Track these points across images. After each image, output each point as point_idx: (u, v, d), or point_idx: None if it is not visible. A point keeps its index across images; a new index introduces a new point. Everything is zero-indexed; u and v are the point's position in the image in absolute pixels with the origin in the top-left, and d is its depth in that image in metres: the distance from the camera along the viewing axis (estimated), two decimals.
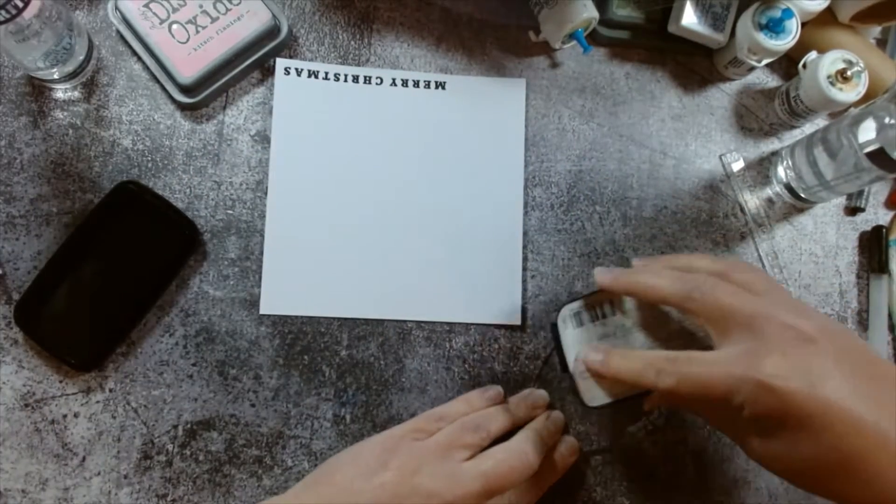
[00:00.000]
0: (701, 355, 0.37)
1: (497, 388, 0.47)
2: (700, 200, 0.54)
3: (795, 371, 0.34)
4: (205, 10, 0.49)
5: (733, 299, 0.37)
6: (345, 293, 0.49)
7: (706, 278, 0.39)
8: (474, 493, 0.39)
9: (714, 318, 0.38)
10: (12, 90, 0.49)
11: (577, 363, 0.44)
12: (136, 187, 0.48)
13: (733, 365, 0.35)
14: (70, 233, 0.47)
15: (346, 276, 0.49)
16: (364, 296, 0.49)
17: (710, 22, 0.52)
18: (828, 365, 0.34)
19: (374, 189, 0.51)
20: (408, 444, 0.42)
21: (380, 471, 0.40)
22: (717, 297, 0.38)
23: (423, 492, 0.39)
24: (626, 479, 0.49)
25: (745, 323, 0.36)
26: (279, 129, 0.51)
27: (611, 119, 0.54)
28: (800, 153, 0.52)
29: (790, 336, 0.35)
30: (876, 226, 0.54)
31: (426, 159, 0.52)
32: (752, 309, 0.37)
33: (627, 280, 0.42)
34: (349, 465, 0.41)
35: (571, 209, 0.52)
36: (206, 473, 0.46)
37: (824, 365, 0.34)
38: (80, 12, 0.51)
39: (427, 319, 0.50)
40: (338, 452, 0.43)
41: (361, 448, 0.43)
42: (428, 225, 0.51)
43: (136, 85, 0.50)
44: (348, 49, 0.53)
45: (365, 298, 0.49)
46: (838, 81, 0.50)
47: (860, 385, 0.34)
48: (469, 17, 0.54)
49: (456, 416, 0.44)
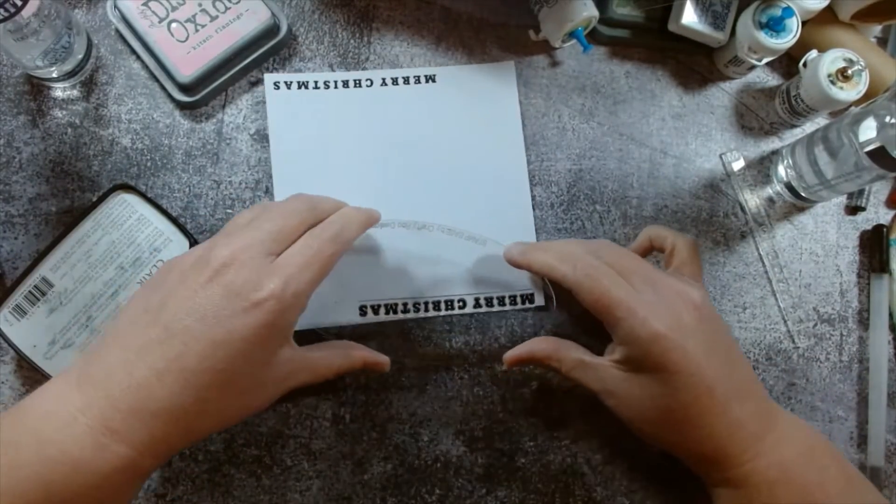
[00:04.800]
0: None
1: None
2: (700, 199, 0.54)
3: (680, 327, 0.40)
4: (204, 8, 0.49)
5: (634, 263, 0.43)
6: (346, 292, 0.49)
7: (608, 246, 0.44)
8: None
9: (619, 270, 0.42)
10: (11, 89, 0.49)
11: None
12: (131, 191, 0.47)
13: (640, 306, 0.40)
14: (59, 233, 0.46)
15: (347, 274, 0.49)
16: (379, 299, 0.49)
17: (710, 20, 0.52)
18: (701, 327, 0.41)
19: (375, 189, 0.51)
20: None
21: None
22: (616, 264, 0.43)
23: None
24: (626, 479, 0.49)
25: (646, 277, 0.42)
26: (276, 144, 0.50)
27: (611, 118, 0.54)
28: (800, 152, 0.52)
29: (684, 300, 0.41)
30: (877, 225, 0.54)
31: (426, 155, 0.51)
32: (651, 270, 0.42)
33: (526, 259, 0.45)
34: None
35: (571, 208, 0.52)
36: (206, 473, 0.46)
37: (698, 327, 0.40)
38: (79, 11, 0.51)
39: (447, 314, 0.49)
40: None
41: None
42: (436, 218, 0.50)
43: (135, 84, 0.50)
44: (348, 48, 0.52)
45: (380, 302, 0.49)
46: (839, 80, 0.50)
47: (715, 351, 0.40)
48: (469, 16, 0.54)
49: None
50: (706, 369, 0.40)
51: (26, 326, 0.45)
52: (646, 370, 0.40)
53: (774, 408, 0.42)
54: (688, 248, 0.46)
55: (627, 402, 0.42)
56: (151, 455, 0.35)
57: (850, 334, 0.53)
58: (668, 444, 0.43)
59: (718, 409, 0.40)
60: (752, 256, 0.53)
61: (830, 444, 0.43)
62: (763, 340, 0.52)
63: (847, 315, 0.53)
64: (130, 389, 0.34)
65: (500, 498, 0.48)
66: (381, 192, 0.50)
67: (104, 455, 0.33)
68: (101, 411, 0.34)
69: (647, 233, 0.48)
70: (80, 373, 0.36)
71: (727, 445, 0.40)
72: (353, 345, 0.45)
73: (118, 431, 0.34)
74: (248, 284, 0.36)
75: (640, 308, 0.40)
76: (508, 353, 0.46)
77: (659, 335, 0.39)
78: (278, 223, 0.39)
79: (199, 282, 0.36)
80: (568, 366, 0.44)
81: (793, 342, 0.52)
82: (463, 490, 0.48)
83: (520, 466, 0.48)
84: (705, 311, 0.41)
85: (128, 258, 0.46)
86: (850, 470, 0.41)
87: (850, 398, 0.52)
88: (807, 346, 0.52)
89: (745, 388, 0.41)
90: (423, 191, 0.51)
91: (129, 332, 0.36)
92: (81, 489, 0.33)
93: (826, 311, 0.53)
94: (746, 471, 0.40)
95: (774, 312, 0.53)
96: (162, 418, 0.34)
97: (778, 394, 0.51)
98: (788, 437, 0.41)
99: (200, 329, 0.35)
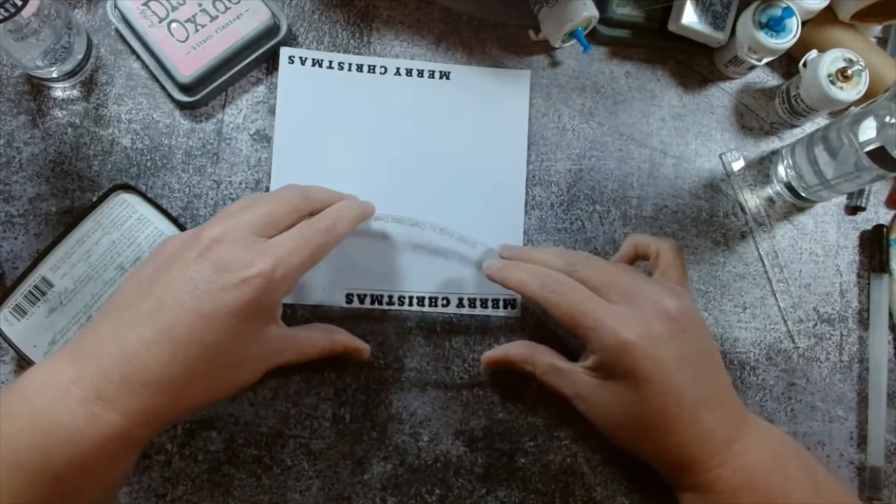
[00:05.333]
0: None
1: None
2: (700, 199, 0.54)
3: (650, 336, 0.40)
4: (204, 8, 0.49)
5: (613, 277, 0.43)
6: (335, 277, 0.49)
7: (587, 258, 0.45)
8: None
9: (595, 286, 0.43)
10: (11, 89, 0.49)
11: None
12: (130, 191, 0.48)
13: (608, 316, 0.41)
14: (59, 233, 0.46)
15: (338, 261, 0.49)
16: (366, 289, 0.49)
17: (710, 20, 0.52)
18: (673, 336, 0.41)
19: (377, 179, 0.51)
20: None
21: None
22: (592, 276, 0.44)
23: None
24: (625, 479, 0.49)
25: (622, 291, 0.42)
26: (283, 119, 0.50)
27: (611, 118, 0.54)
28: (800, 152, 0.52)
29: (656, 310, 0.41)
30: (877, 225, 0.54)
31: (427, 149, 0.52)
32: (629, 282, 0.43)
33: (501, 275, 0.46)
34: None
35: (571, 208, 0.52)
36: (206, 473, 0.46)
37: (670, 335, 0.41)
38: (79, 11, 0.50)
39: (430, 311, 0.49)
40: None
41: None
42: (430, 215, 0.50)
43: (135, 84, 0.50)
44: (348, 48, 0.52)
45: (367, 292, 0.49)
46: (839, 80, 0.50)
47: (687, 360, 0.41)
48: (469, 16, 0.54)
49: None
50: (676, 378, 0.40)
51: (26, 326, 0.45)
52: (616, 377, 0.41)
53: (747, 416, 0.43)
54: (671, 251, 0.46)
55: (599, 407, 0.43)
56: (143, 424, 0.35)
57: (850, 334, 0.53)
58: (639, 450, 0.44)
59: (687, 417, 0.40)
60: (752, 256, 0.53)
61: (802, 451, 0.43)
62: (763, 340, 0.52)
63: (847, 315, 0.53)
64: (121, 360, 0.35)
65: (500, 498, 0.48)
66: (377, 180, 0.51)
67: (96, 424, 0.34)
68: (94, 382, 0.35)
69: (630, 241, 0.49)
70: (74, 346, 0.37)
71: (695, 452, 0.41)
72: (337, 329, 0.46)
73: (110, 401, 0.34)
74: (238, 261, 0.37)
75: (608, 319, 0.41)
76: (486, 354, 0.48)
77: (628, 344, 0.40)
78: (269, 207, 0.40)
79: (190, 257, 0.37)
80: (541, 370, 0.46)
81: (793, 342, 0.52)
82: (463, 490, 0.48)
83: (520, 466, 0.48)
84: (681, 319, 0.41)
85: (128, 258, 0.46)
86: (821, 477, 0.42)
87: (850, 398, 0.52)
88: (807, 346, 0.53)
89: (717, 396, 0.42)
90: (419, 184, 0.51)
91: (122, 305, 0.37)
92: (76, 458, 0.34)
93: (826, 311, 0.53)
94: (713, 477, 0.40)
95: (774, 312, 0.53)
96: (152, 388, 0.35)
97: (778, 394, 0.52)
98: (756, 445, 0.41)
99: (190, 302, 0.36)
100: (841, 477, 0.51)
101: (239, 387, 0.39)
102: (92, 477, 0.35)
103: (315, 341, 0.44)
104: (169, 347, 0.35)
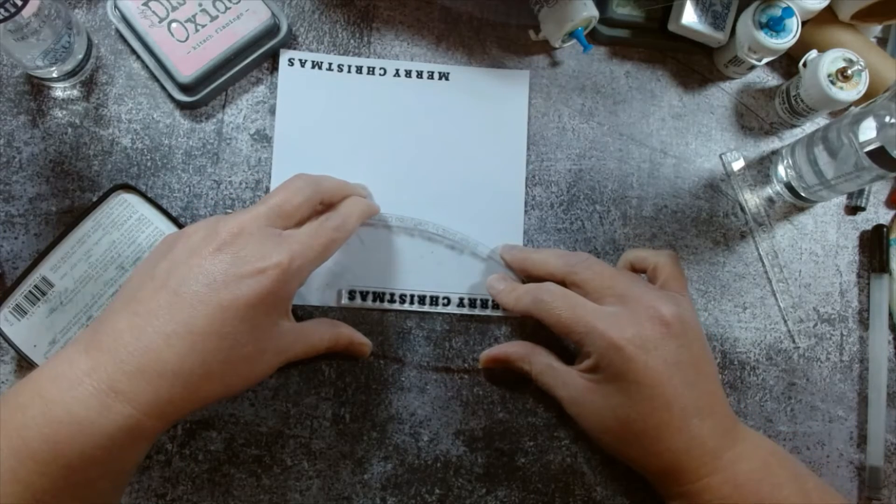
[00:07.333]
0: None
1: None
2: (700, 199, 0.54)
3: (642, 340, 0.41)
4: (204, 8, 0.49)
5: (611, 280, 0.44)
6: (337, 274, 0.49)
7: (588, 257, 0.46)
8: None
9: (592, 288, 0.44)
10: (11, 89, 0.49)
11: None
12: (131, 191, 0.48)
13: (600, 320, 0.41)
14: (59, 233, 0.46)
15: (340, 258, 0.49)
16: (367, 286, 0.49)
17: (710, 20, 0.52)
18: (666, 342, 0.41)
19: (377, 179, 0.51)
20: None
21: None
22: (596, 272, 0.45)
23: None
24: (625, 479, 0.49)
25: (618, 295, 0.43)
26: (282, 121, 0.51)
27: (611, 118, 0.54)
28: (800, 152, 0.52)
29: (650, 314, 0.42)
30: (877, 225, 0.54)
31: (427, 150, 0.52)
32: (626, 286, 0.43)
33: (499, 301, 0.48)
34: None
35: (571, 208, 0.52)
36: (206, 473, 0.46)
37: (662, 341, 0.41)
38: (79, 11, 0.50)
39: (430, 311, 0.50)
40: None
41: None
42: (430, 216, 0.50)
43: (136, 84, 0.50)
44: (348, 48, 0.52)
45: (368, 289, 0.49)
46: (839, 80, 0.50)
47: (679, 366, 0.41)
48: (469, 16, 0.54)
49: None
50: (666, 383, 0.40)
51: (26, 326, 0.45)
52: (609, 380, 0.42)
53: (738, 425, 0.43)
54: (669, 262, 0.46)
55: (590, 410, 0.43)
56: (156, 416, 0.35)
57: (850, 334, 0.53)
58: (629, 457, 0.44)
59: (677, 424, 0.41)
60: (752, 256, 0.53)
61: (792, 460, 0.43)
62: (763, 340, 0.52)
63: (847, 315, 0.53)
64: (138, 352, 0.35)
65: (500, 498, 0.48)
66: (378, 180, 0.50)
67: (108, 415, 0.34)
68: (108, 373, 0.35)
69: (626, 257, 0.49)
70: (88, 339, 0.37)
71: (684, 460, 0.41)
72: (341, 323, 0.47)
73: (123, 392, 0.34)
74: (256, 253, 0.38)
75: (599, 321, 0.41)
76: (485, 353, 0.49)
77: (618, 345, 0.40)
78: (283, 197, 0.41)
79: (208, 250, 0.38)
80: (537, 369, 0.46)
81: (793, 342, 0.52)
82: (463, 490, 0.48)
83: (520, 466, 0.48)
84: (675, 326, 0.42)
85: (128, 258, 0.46)
86: (811, 485, 0.42)
87: (850, 398, 0.52)
88: (807, 346, 0.53)
89: (708, 404, 0.42)
90: (419, 184, 0.51)
91: (137, 298, 0.37)
92: (87, 449, 0.34)
93: (826, 311, 0.53)
94: (701, 486, 0.41)
95: (774, 312, 0.53)
96: (168, 379, 0.35)
97: (778, 394, 0.52)
98: (746, 455, 0.41)
99: (208, 293, 0.36)
100: (841, 477, 0.51)
101: (253, 380, 0.40)
102: (102, 468, 0.35)
103: (322, 335, 0.45)
104: (188, 339, 0.35)
